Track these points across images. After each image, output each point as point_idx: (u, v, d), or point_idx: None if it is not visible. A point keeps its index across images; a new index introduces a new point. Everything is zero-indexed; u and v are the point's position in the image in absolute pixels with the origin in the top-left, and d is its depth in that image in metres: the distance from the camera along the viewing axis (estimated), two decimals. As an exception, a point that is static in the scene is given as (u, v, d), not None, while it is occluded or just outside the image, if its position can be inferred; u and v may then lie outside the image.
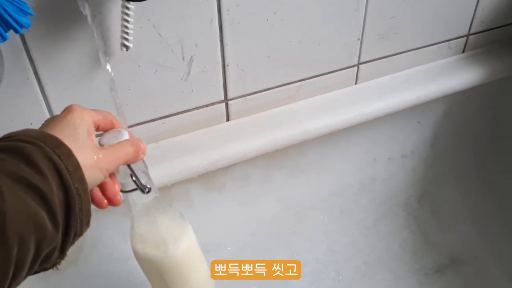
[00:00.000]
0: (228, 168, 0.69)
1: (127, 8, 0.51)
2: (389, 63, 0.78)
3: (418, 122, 0.82)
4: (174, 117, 0.65)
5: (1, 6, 0.38)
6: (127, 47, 0.53)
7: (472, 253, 0.87)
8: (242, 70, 0.65)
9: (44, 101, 0.56)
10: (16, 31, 0.39)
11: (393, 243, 0.86)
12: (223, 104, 0.68)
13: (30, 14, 0.40)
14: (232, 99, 0.68)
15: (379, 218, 0.86)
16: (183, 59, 0.61)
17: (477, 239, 0.88)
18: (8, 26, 0.39)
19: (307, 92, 0.73)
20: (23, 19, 0.39)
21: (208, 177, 0.68)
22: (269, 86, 0.69)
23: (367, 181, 0.84)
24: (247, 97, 0.69)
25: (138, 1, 0.48)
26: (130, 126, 0.63)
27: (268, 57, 0.66)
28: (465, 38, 0.82)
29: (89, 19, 0.46)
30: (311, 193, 0.80)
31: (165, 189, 0.65)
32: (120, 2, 0.51)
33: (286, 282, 0.78)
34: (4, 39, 0.38)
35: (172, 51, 0.59)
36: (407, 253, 0.86)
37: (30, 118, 0.56)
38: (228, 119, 0.70)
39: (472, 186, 0.91)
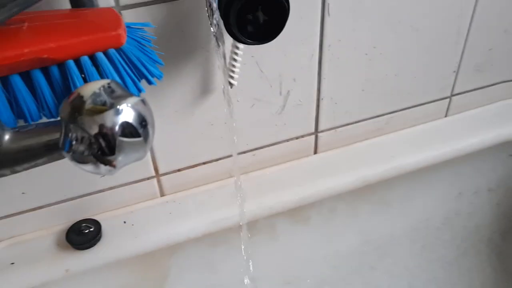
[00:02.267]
0: (315, 202, 0.67)
1: (237, 48, 0.50)
2: (482, 94, 0.74)
3: (510, 155, 0.77)
4: (264, 149, 0.64)
5: (134, 55, 0.37)
6: (231, 85, 0.53)
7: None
8: (336, 103, 0.64)
9: (145, 135, 0.56)
10: (149, 82, 0.38)
11: (475, 280, 0.82)
12: (313, 136, 0.66)
13: (160, 64, 0.39)
14: (322, 131, 0.66)
15: (461, 254, 0.83)
16: (280, 93, 0.59)
17: None
18: (141, 77, 0.37)
19: (396, 124, 0.71)
20: (155, 70, 0.38)
21: (295, 211, 0.67)
22: (360, 119, 0.67)
23: (451, 216, 0.80)
24: (337, 129, 0.67)
25: (249, 44, 0.47)
26: (220, 159, 0.62)
27: (363, 90, 0.64)
28: None
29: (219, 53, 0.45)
30: (394, 227, 0.77)
31: (253, 222, 0.64)
32: (231, 42, 0.50)
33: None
34: (140, 91, 0.37)
35: (271, 86, 0.58)
36: (489, 291, 0.82)
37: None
38: (315, 152, 0.68)
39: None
